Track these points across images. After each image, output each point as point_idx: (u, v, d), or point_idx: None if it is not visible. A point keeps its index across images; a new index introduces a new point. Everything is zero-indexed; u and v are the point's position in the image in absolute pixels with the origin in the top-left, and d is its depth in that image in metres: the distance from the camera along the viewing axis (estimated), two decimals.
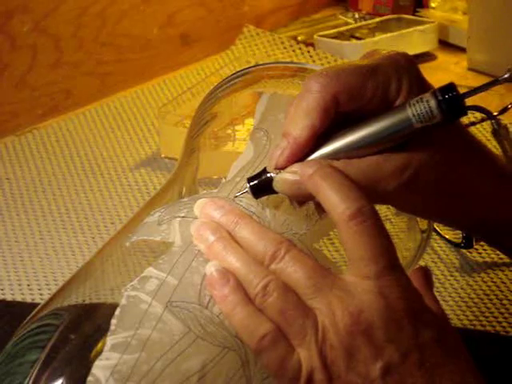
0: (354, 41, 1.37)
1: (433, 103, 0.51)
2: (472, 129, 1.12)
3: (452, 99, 0.51)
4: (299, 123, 0.53)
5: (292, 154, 0.53)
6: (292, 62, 0.74)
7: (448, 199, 0.56)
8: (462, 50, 1.34)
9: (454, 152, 0.55)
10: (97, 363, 0.49)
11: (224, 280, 0.51)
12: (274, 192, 0.54)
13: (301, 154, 0.53)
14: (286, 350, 0.49)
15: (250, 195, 0.55)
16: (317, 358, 0.49)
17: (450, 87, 0.51)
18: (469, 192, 0.56)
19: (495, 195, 0.57)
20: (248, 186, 0.54)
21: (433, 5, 1.44)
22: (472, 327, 0.83)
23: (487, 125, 1.06)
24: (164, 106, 1.14)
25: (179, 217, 0.56)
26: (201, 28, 1.36)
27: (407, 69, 0.54)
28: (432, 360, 0.49)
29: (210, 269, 0.52)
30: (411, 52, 1.33)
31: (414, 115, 0.51)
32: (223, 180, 0.59)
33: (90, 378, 0.49)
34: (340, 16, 1.47)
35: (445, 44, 1.38)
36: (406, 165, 0.53)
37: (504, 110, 1.15)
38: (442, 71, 1.32)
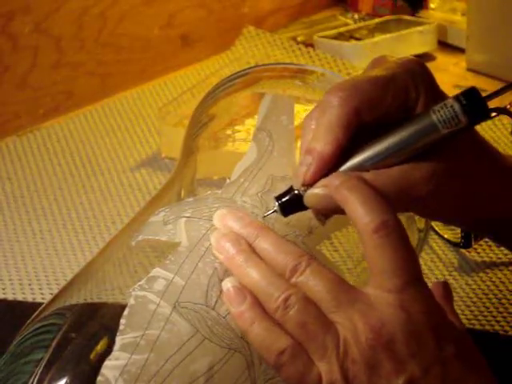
0: (353, 41, 1.37)
1: (457, 107, 0.51)
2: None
3: (475, 102, 0.51)
4: (323, 138, 0.52)
5: (318, 169, 0.53)
6: (291, 64, 0.74)
7: (463, 201, 0.56)
8: (461, 50, 1.34)
9: (472, 154, 0.55)
10: (106, 363, 0.50)
11: (241, 297, 0.51)
12: (303, 208, 0.54)
13: (327, 169, 0.53)
14: (305, 364, 0.49)
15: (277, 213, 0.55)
16: (338, 372, 0.49)
17: (472, 91, 0.52)
18: (480, 191, 0.56)
19: (505, 194, 0.57)
20: (277, 204, 0.54)
21: (432, 6, 1.44)
22: (471, 327, 0.83)
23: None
24: (164, 106, 1.15)
25: (185, 217, 0.56)
26: (201, 29, 1.36)
27: (422, 76, 0.55)
28: (454, 375, 0.49)
29: (227, 285, 0.52)
30: (410, 53, 1.33)
31: (439, 121, 0.52)
32: (227, 181, 0.59)
33: (99, 378, 0.49)
34: (339, 17, 1.47)
35: (444, 45, 1.38)
36: (432, 172, 0.53)
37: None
38: (441, 72, 1.32)
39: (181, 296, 0.52)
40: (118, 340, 0.50)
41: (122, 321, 0.51)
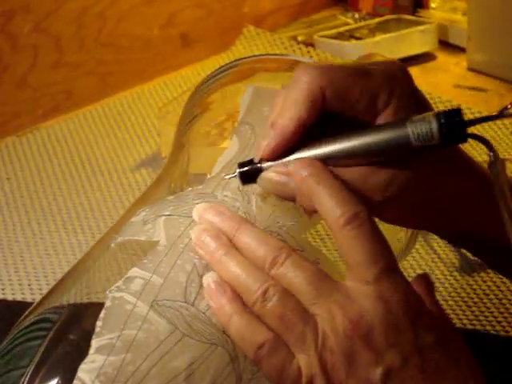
0: (353, 41, 1.37)
1: (434, 125, 0.50)
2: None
3: (455, 125, 0.50)
4: (286, 114, 0.52)
5: (278, 144, 0.52)
6: (283, 55, 0.73)
7: (432, 212, 0.55)
8: (462, 50, 1.33)
9: (440, 168, 0.54)
10: (82, 366, 0.49)
11: (221, 291, 0.51)
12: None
13: (287, 146, 0.52)
14: (284, 357, 0.49)
15: (236, 186, 0.55)
16: (317, 363, 0.49)
17: (456, 112, 0.50)
18: (453, 206, 0.55)
19: (480, 210, 0.56)
20: (238, 171, 0.54)
21: (432, 5, 1.44)
22: (472, 327, 0.83)
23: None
24: (164, 106, 1.14)
25: (164, 215, 0.55)
26: (201, 28, 1.36)
27: (400, 81, 0.53)
28: (433, 364, 0.49)
29: (207, 280, 0.52)
30: (411, 52, 1.33)
31: (413, 133, 0.50)
32: (208, 176, 0.58)
33: (76, 382, 0.49)
34: (340, 16, 1.47)
35: (445, 44, 1.38)
36: (391, 180, 0.52)
37: (504, 110, 1.15)
38: (442, 71, 1.32)
39: (158, 294, 0.51)
40: (94, 343, 0.50)
41: (98, 323, 0.50)
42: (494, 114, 0.52)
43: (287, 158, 0.53)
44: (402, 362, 0.49)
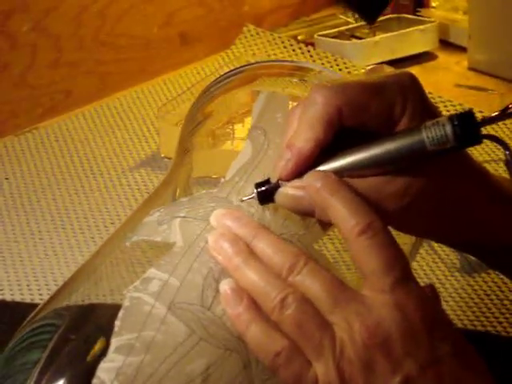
0: (354, 40, 1.37)
1: (449, 128, 0.50)
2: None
3: (468, 127, 0.50)
4: (303, 135, 0.52)
5: (296, 165, 0.53)
6: (289, 61, 0.73)
7: (444, 219, 0.55)
8: (463, 49, 1.33)
9: (452, 173, 0.54)
10: (102, 365, 0.49)
11: (238, 298, 0.51)
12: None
13: (304, 166, 0.53)
14: (301, 365, 0.49)
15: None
16: (334, 372, 0.48)
17: (469, 114, 0.51)
18: (465, 215, 0.56)
19: (492, 219, 0.56)
20: (255, 191, 0.54)
21: (433, 4, 1.44)
22: (473, 327, 0.82)
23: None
24: (164, 105, 1.14)
25: (179, 217, 0.55)
26: (201, 27, 1.36)
27: (412, 90, 0.54)
28: (451, 373, 0.49)
29: (224, 287, 0.51)
30: (412, 51, 1.33)
31: (428, 137, 0.51)
32: (222, 180, 0.59)
33: (95, 381, 0.49)
34: (340, 15, 1.47)
35: (445, 43, 1.38)
36: (406, 189, 0.53)
37: (505, 110, 1.15)
38: (443, 71, 1.32)
39: (176, 297, 0.51)
40: (113, 342, 0.50)
41: (117, 323, 0.50)
42: (498, 112, 0.52)
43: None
44: (420, 371, 0.48)
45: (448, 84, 1.28)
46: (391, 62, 1.28)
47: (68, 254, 0.95)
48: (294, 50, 1.33)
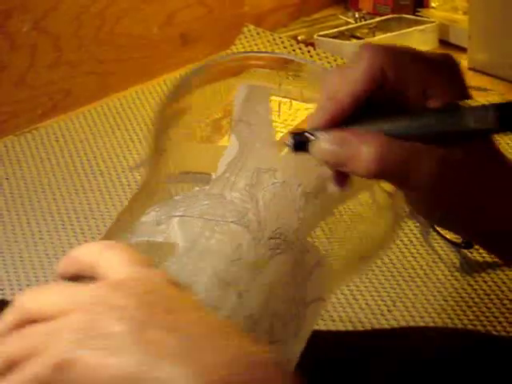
0: (354, 40, 1.37)
1: (491, 109, 0.52)
2: None
3: (509, 110, 0.52)
4: (346, 88, 0.52)
5: (334, 117, 0.53)
6: (262, 52, 0.73)
7: (461, 203, 0.55)
8: (463, 49, 1.33)
9: (484, 162, 0.54)
10: None
11: None
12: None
13: (342, 120, 0.53)
14: None
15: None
16: None
17: (510, 103, 0.52)
18: (489, 205, 0.55)
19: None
20: (292, 140, 0.54)
21: (433, 4, 1.44)
22: (473, 327, 0.82)
23: None
24: None
25: (177, 216, 0.55)
26: (201, 27, 1.36)
27: (454, 69, 0.54)
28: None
29: None
30: None
31: (472, 115, 0.52)
32: (213, 176, 0.59)
33: None
34: (340, 16, 1.47)
35: (445, 44, 1.37)
36: (444, 159, 0.52)
37: None
38: None
39: None
40: None
41: None
42: None
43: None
44: None
45: None
46: None
47: None
48: (293, 50, 1.33)
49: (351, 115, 0.53)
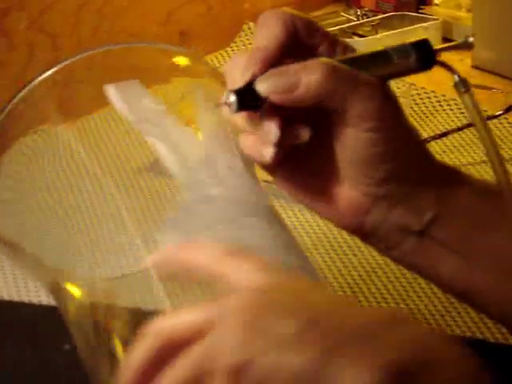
0: (356, 38, 1.37)
1: (409, 46, 0.65)
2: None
3: (426, 48, 0.65)
4: (265, 36, 0.58)
5: (264, 62, 0.56)
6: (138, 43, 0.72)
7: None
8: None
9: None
10: None
11: None
12: (256, 105, 0.55)
13: (273, 61, 0.57)
14: None
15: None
16: None
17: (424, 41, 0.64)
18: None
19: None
20: (231, 97, 0.55)
21: (436, 2, 1.44)
22: (471, 334, 0.82)
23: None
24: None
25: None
26: (200, 25, 1.36)
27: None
28: None
29: None
30: None
31: (394, 52, 0.63)
32: (184, 187, 0.58)
33: None
34: (342, 13, 1.47)
35: (448, 41, 1.37)
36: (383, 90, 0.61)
37: (508, 109, 1.15)
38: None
39: None
40: None
41: None
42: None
43: None
44: None
45: (451, 82, 1.26)
46: None
47: None
48: None
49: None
